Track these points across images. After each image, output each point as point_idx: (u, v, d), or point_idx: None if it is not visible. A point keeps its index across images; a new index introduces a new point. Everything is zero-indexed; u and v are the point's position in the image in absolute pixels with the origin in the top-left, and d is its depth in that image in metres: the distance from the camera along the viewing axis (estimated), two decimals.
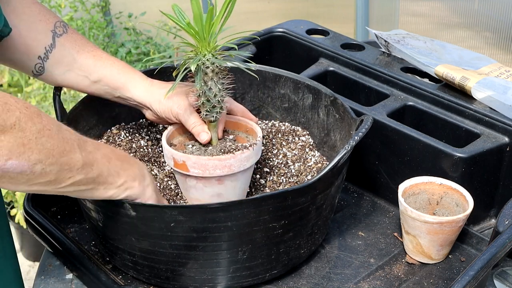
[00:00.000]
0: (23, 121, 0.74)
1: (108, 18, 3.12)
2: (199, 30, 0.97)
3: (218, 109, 1.04)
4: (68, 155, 0.80)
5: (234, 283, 1.01)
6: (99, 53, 1.09)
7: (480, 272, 0.89)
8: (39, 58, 1.06)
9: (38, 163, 0.77)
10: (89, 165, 0.84)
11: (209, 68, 0.99)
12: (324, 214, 1.03)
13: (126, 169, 0.91)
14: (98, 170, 0.86)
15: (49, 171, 0.79)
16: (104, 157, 0.88)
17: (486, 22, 2.13)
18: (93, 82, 1.09)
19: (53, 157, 0.78)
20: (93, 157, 0.85)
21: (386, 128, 1.17)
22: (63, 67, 1.08)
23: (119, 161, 0.91)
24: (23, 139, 0.74)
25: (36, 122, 0.76)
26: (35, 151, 0.76)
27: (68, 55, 1.07)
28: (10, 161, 0.74)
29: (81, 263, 1.08)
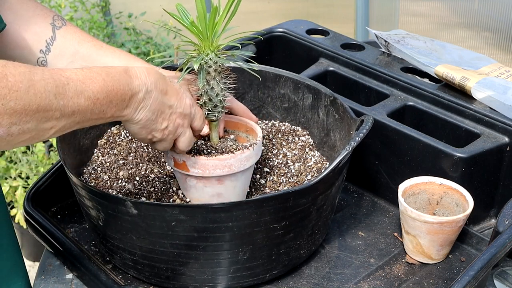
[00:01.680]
0: None
1: (108, 18, 3.12)
2: (202, 29, 0.97)
3: (219, 108, 1.04)
4: (43, 110, 0.77)
5: (235, 283, 1.01)
6: (100, 43, 1.09)
7: (480, 272, 0.89)
8: (41, 51, 1.05)
9: (12, 125, 0.75)
10: (70, 113, 0.81)
11: (211, 67, 0.99)
12: (324, 215, 1.03)
13: (114, 106, 0.87)
14: (80, 115, 0.82)
15: (27, 129, 0.77)
16: (88, 100, 0.82)
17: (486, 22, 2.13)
18: None
19: (26, 115, 0.75)
20: (73, 104, 0.81)
21: (386, 128, 1.17)
22: (65, 59, 1.07)
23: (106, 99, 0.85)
24: None
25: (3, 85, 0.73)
26: (5, 116, 0.73)
27: (69, 46, 1.07)
28: None
29: (81, 263, 1.08)
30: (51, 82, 0.78)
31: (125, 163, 1.14)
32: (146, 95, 0.90)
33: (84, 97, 0.82)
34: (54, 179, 1.21)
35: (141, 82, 0.90)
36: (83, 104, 0.82)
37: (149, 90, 0.91)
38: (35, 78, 0.76)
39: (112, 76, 0.86)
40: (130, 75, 0.89)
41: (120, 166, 1.13)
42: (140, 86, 0.90)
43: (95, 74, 0.85)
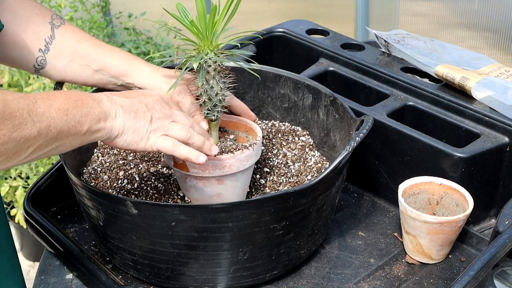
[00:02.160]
0: None
1: (108, 18, 3.12)
2: (202, 28, 0.97)
3: (219, 108, 1.04)
4: (20, 128, 0.77)
5: (235, 283, 1.01)
6: (99, 42, 1.09)
7: (480, 272, 0.89)
8: (40, 50, 1.05)
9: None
10: (46, 128, 0.81)
11: (211, 66, 0.99)
12: (324, 215, 1.03)
13: (87, 114, 0.86)
14: (57, 128, 0.82)
15: (4, 150, 0.76)
16: (59, 111, 0.83)
17: (486, 22, 2.13)
18: (95, 71, 1.09)
19: (4, 136, 0.75)
20: (47, 119, 0.81)
21: (386, 128, 1.17)
22: (64, 58, 1.07)
23: (76, 109, 0.85)
24: None
25: None
26: None
27: (68, 45, 1.07)
28: None
29: (81, 263, 1.08)
30: (21, 101, 0.78)
31: (125, 163, 1.14)
32: (111, 101, 0.91)
33: (54, 109, 0.82)
34: (54, 179, 1.21)
35: (98, 95, 0.91)
36: (55, 116, 0.82)
37: (110, 97, 0.91)
38: (8, 98, 0.77)
39: (70, 92, 0.87)
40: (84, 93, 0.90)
41: (120, 166, 1.13)
42: (100, 96, 0.90)
43: (56, 92, 0.86)
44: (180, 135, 0.95)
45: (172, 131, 0.94)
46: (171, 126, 0.94)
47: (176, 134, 0.94)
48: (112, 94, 0.93)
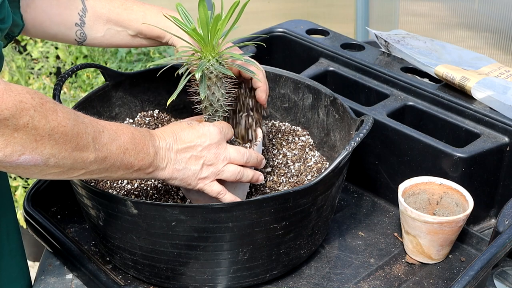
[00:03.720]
0: (36, 120, 0.75)
1: None
2: (204, 35, 0.96)
3: (220, 113, 1.04)
4: (81, 150, 0.81)
5: (235, 283, 1.01)
6: (130, 5, 1.10)
7: (480, 272, 0.89)
8: (77, 25, 1.07)
9: (51, 157, 0.78)
10: (102, 158, 0.85)
11: (212, 73, 0.99)
12: (324, 215, 1.03)
13: (141, 159, 0.90)
14: (111, 162, 0.86)
15: (62, 164, 0.81)
16: (119, 148, 0.87)
17: (486, 22, 2.13)
18: (133, 36, 1.11)
19: (65, 151, 0.79)
20: (107, 150, 0.85)
21: (386, 128, 1.17)
22: (101, 28, 1.09)
23: (135, 151, 0.89)
24: (36, 136, 0.76)
25: (51, 119, 0.77)
26: (48, 146, 0.77)
27: (101, 16, 1.09)
28: (24, 156, 0.76)
29: (81, 263, 1.08)
30: (90, 126, 0.83)
31: None
32: (166, 152, 0.93)
33: (116, 145, 0.87)
34: (54, 179, 1.21)
35: (161, 140, 0.93)
36: (114, 151, 0.86)
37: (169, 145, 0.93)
38: (78, 120, 0.82)
39: (139, 131, 0.91)
40: (151, 134, 0.93)
41: None
42: (161, 143, 0.93)
43: (125, 127, 0.90)
44: (230, 179, 0.98)
45: (223, 175, 0.97)
46: (223, 171, 0.97)
47: (226, 178, 0.97)
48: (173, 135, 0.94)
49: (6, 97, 0.72)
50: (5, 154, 0.74)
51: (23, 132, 0.74)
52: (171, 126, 0.97)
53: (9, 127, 0.73)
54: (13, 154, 0.75)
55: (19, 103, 0.74)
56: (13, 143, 0.74)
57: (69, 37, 1.09)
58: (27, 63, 2.71)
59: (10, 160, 0.75)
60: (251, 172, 0.99)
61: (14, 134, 0.74)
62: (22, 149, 0.75)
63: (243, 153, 0.98)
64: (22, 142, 0.75)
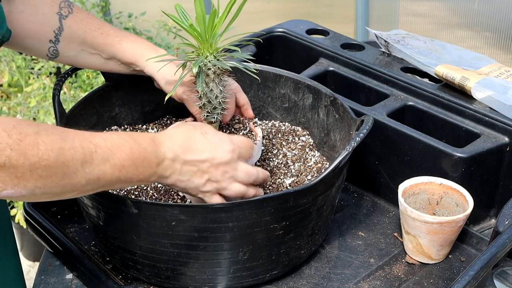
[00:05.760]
0: (14, 159, 0.72)
1: (108, 18, 3.12)
2: (201, 31, 0.96)
3: (219, 110, 1.04)
4: (70, 177, 0.79)
5: (235, 283, 1.01)
6: (106, 30, 1.10)
7: (480, 272, 0.89)
8: (51, 41, 1.07)
9: (36, 188, 0.76)
10: (95, 180, 0.82)
11: (210, 69, 0.99)
12: (324, 215, 1.03)
13: (141, 173, 0.86)
14: (105, 181, 0.83)
15: (50, 192, 0.78)
16: (113, 167, 0.83)
17: (486, 22, 2.13)
18: (106, 60, 1.11)
19: (52, 182, 0.77)
20: (99, 171, 0.81)
21: (386, 128, 1.17)
22: (75, 48, 1.09)
23: (133, 166, 0.85)
24: (16, 173, 0.73)
25: (30, 155, 0.74)
26: (31, 180, 0.75)
27: (77, 37, 1.08)
28: (6, 191, 0.74)
29: (81, 263, 1.08)
30: (79, 150, 0.79)
31: None
32: (172, 162, 0.90)
33: (110, 164, 0.82)
34: None
35: (168, 149, 0.89)
36: (108, 171, 0.83)
37: (176, 155, 0.90)
38: (65, 147, 0.78)
39: (139, 144, 0.86)
40: (156, 143, 0.88)
41: None
42: (167, 153, 0.89)
43: (123, 141, 0.85)
44: (232, 197, 0.95)
45: (226, 192, 0.94)
46: (226, 188, 0.94)
47: (228, 196, 0.95)
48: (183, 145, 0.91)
49: None
50: None
51: (2, 171, 0.72)
52: (183, 133, 0.92)
53: None
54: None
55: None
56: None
57: (41, 52, 1.08)
58: (27, 63, 2.71)
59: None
60: (253, 191, 0.97)
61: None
62: (3, 186, 0.73)
63: (251, 175, 0.95)
64: (2, 179, 0.73)
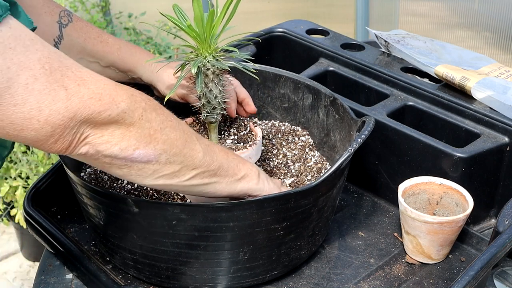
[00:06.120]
0: (148, 112, 0.77)
1: (108, 18, 3.12)
2: (200, 32, 0.96)
3: (218, 110, 1.04)
4: (190, 146, 0.83)
5: (235, 283, 1.01)
6: (105, 38, 1.12)
7: (480, 272, 0.89)
8: None
9: (163, 153, 0.80)
10: (210, 156, 0.86)
11: (209, 70, 0.99)
12: (325, 216, 1.03)
13: (244, 163, 0.93)
14: (218, 162, 0.88)
15: (173, 161, 0.82)
16: (221, 151, 0.90)
17: (486, 22, 2.13)
18: (105, 68, 1.13)
19: (176, 147, 0.81)
20: (211, 150, 0.87)
21: (386, 128, 1.17)
22: (74, 56, 1.10)
23: (235, 156, 0.93)
24: (150, 130, 0.77)
25: (159, 113, 0.79)
26: (160, 141, 0.79)
27: (76, 45, 1.10)
28: (138, 150, 0.77)
29: (81, 263, 1.08)
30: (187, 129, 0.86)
31: None
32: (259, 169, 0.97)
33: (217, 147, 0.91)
34: (54, 179, 1.21)
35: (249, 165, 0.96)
36: (218, 152, 0.89)
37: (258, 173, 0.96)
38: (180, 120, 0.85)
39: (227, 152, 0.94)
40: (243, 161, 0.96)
41: None
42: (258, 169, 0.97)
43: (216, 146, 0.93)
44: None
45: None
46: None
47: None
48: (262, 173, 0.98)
49: (119, 90, 0.74)
50: (121, 147, 0.76)
51: (138, 126, 0.76)
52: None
53: (126, 120, 0.75)
54: (128, 148, 0.76)
55: (132, 96, 0.75)
56: (128, 137, 0.76)
57: None
58: None
59: (125, 155, 0.77)
60: None
61: (130, 128, 0.76)
62: (136, 143, 0.77)
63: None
64: (137, 136, 0.76)
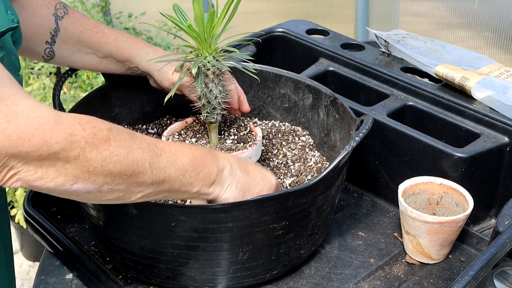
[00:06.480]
0: (87, 151, 0.74)
1: (108, 18, 3.12)
2: (200, 32, 0.96)
3: (218, 110, 1.04)
4: (137, 176, 0.81)
5: (235, 283, 1.01)
6: (102, 29, 1.12)
7: (480, 272, 0.89)
8: (47, 43, 1.08)
9: (104, 184, 0.78)
10: (160, 182, 0.84)
11: (209, 70, 0.99)
12: (324, 215, 1.03)
13: (202, 179, 0.89)
14: (169, 184, 0.86)
15: (116, 189, 0.80)
16: (178, 170, 0.86)
17: (486, 22, 2.13)
18: (102, 58, 1.13)
19: (120, 178, 0.79)
20: (165, 174, 0.84)
21: (386, 128, 1.17)
22: (71, 48, 1.10)
23: (195, 171, 0.88)
24: (88, 167, 0.75)
25: (102, 150, 0.76)
26: (101, 176, 0.77)
27: (73, 37, 1.10)
28: (76, 184, 0.76)
29: (81, 263, 1.08)
30: (147, 152, 0.82)
31: None
32: (232, 173, 0.92)
33: (174, 168, 0.85)
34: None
35: (226, 160, 0.92)
36: (173, 174, 0.85)
37: (234, 168, 0.93)
38: (133, 146, 0.80)
39: (200, 151, 0.89)
40: (215, 154, 0.92)
41: None
42: (225, 164, 0.92)
43: (186, 147, 0.89)
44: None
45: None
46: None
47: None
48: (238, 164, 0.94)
49: (56, 131, 0.72)
50: (57, 184, 0.74)
51: (75, 164, 0.74)
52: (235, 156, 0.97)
53: (60, 160, 0.73)
54: (65, 183, 0.75)
55: (69, 136, 0.73)
56: (65, 174, 0.74)
57: (37, 53, 1.09)
58: (27, 63, 2.71)
59: (63, 189, 0.75)
60: None
61: (66, 165, 0.74)
62: (74, 179, 0.75)
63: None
64: (74, 172, 0.75)
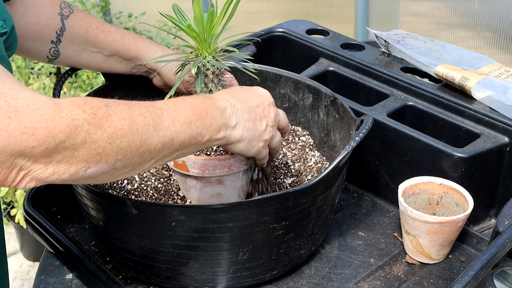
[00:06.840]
0: (92, 133, 0.73)
1: (108, 18, 3.12)
2: (199, 32, 0.96)
3: None
4: (146, 144, 0.79)
5: (235, 283, 1.01)
6: (107, 28, 1.12)
7: (480, 272, 0.89)
8: (52, 42, 1.08)
9: (117, 161, 0.76)
10: (169, 141, 0.82)
11: (209, 70, 0.99)
12: (324, 215, 1.03)
13: (209, 126, 0.87)
14: (179, 141, 0.84)
15: (130, 163, 0.79)
16: (183, 125, 0.84)
17: (486, 22, 2.13)
18: (107, 57, 1.13)
19: (131, 152, 0.77)
20: (171, 132, 0.82)
21: (386, 128, 1.17)
22: (76, 47, 1.10)
23: (200, 120, 0.86)
24: (97, 149, 0.74)
25: (106, 127, 0.74)
26: (112, 154, 0.75)
27: (78, 36, 1.10)
28: (89, 169, 0.74)
29: (81, 263, 1.08)
30: (148, 115, 0.80)
31: None
32: (233, 109, 0.91)
33: (179, 123, 0.83)
34: None
35: (223, 99, 0.91)
36: (179, 129, 0.83)
37: (233, 104, 0.91)
38: (134, 114, 0.78)
39: (196, 99, 0.88)
40: (211, 97, 0.90)
41: None
42: (225, 103, 0.90)
43: (182, 100, 0.86)
44: (277, 148, 0.99)
45: (273, 143, 0.98)
46: (274, 137, 0.98)
47: (273, 146, 0.98)
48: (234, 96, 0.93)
49: (57, 119, 0.70)
50: (71, 173, 0.73)
51: (83, 149, 0.72)
52: (226, 90, 0.96)
53: (68, 149, 0.71)
54: (79, 171, 0.73)
55: (72, 122, 0.71)
56: (76, 162, 0.73)
57: (41, 54, 1.09)
58: (27, 63, 2.71)
59: (77, 177, 0.74)
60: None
61: (75, 153, 0.72)
62: (86, 164, 0.74)
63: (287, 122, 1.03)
64: (85, 158, 0.73)
